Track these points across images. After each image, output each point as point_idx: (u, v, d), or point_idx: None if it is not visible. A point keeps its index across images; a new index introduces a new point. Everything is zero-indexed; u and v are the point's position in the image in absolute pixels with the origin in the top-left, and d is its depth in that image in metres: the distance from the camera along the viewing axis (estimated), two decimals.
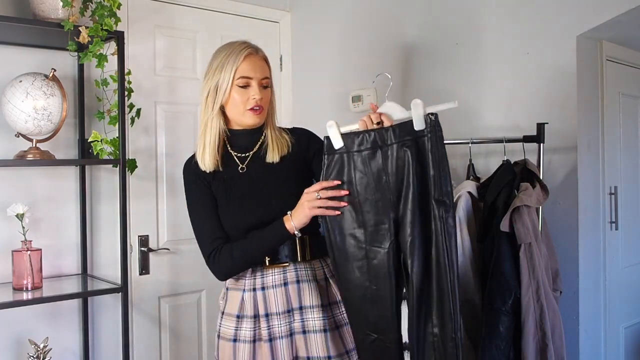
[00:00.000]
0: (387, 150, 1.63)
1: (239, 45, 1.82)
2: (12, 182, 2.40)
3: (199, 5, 2.95)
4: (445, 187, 1.58)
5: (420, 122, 1.60)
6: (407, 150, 1.60)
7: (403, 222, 1.61)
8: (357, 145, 1.66)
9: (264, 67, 1.83)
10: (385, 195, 1.64)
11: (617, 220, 2.54)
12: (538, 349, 1.85)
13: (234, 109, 1.81)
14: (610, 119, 2.50)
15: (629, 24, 2.22)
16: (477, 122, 2.48)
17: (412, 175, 1.59)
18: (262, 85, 1.80)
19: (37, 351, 2.22)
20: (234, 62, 1.77)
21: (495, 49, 2.44)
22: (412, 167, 1.59)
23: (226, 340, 1.83)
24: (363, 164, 1.66)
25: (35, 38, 2.37)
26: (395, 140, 1.62)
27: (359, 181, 1.66)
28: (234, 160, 1.86)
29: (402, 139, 1.61)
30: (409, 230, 1.60)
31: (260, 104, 1.79)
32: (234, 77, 1.77)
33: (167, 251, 2.82)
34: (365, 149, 1.65)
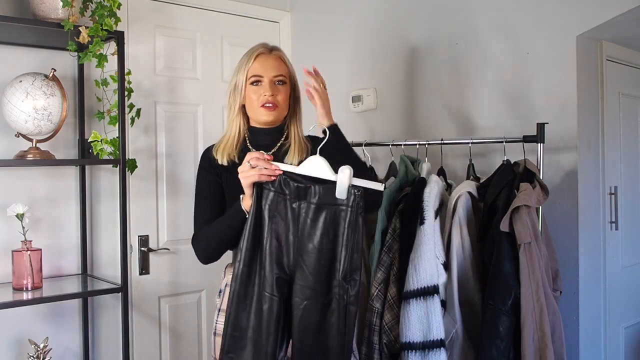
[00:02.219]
0: (304, 205, 1.60)
1: (256, 46, 1.91)
2: (12, 182, 2.40)
3: (199, 5, 2.95)
4: (355, 265, 1.55)
5: (343, 192, 1.55)
6: (325, 216, 1.57)
7: (300, 283, 1.59)
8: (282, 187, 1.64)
9: (278, 66, 1.88)
10: (287, 249, 1.62)
11: (617, 220, 2.54)
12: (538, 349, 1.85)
13: (250, 106, 1.88)
14: (610, 119, 2.50)
15: (629, 24, 2.22)
16: (477, 122, 2.48)
17: (320, 242, 1.56)
18: (275, 83, 1.86)
19: (37, 351, 2.22)
20: (247, 63, 1.87)
21: (495, 49, 2.44)
22: (322, 234, 1.57)
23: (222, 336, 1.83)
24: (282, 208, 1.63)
25: (35, 38, 2.37)
26: (315, 201, 1.59)
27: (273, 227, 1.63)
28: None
29: (321, 202, 1.58)
30: (306, 293, 1.58)
31: (272, 100, 1.84)
32: (246, 76, 1.86)
33: (167, 251, 2.82)
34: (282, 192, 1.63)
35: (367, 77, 2.89)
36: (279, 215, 1.64)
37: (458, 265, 1.95)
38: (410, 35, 2.72)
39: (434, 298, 1.90)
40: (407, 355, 1.88)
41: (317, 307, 1.58)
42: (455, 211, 1.98)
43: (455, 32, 2.56)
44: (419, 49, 2.69)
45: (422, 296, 1.91)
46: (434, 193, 2.00)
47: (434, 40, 2.64)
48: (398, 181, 2.18)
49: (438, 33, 2.62)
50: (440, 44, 2.61)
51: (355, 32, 2.95)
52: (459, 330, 1.93)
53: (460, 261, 1.96)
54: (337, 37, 3.03)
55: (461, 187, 2.04)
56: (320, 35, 3.11)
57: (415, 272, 1.92)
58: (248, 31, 3.10)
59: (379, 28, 2.85)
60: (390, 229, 2.05)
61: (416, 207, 1.98)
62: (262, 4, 3.12)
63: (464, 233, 1.97)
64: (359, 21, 2.93)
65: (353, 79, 2.94)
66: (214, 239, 1.81)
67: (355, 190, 1.55)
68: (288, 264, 1.63)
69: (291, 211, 1.63)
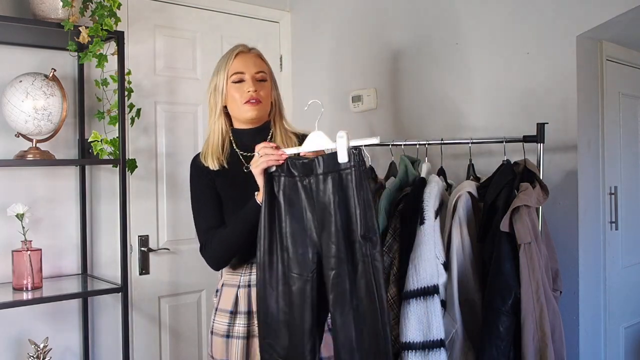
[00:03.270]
0: (312, 180, 1.63)
1: (233, 47, 1.90)
2: (12, 182, 2.40)
3: (199, 5, 2.95)
4: (371, 222, 1.57)
5: (344, 155, 1.58)
6: (332, 182, 1.59)
7: (326, 255, 1.61)
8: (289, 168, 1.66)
9: (258, 63, 1.88)
10: (309, 225, 1.64)
11: (617, 220, 2.54)
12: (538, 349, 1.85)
13: (233, 105, 1.86)
14: (610, 119, 2.50)
15: (629, 24, 2.22)
16: (477, 122, 2.48)
17: (334, 208, 1.59)
18: (257, 79, 1.85)
19: (37, 351, 2.22)
20: (227, 62, 1.86)
21: (496, 49, 2.44)
22: (335, 200, 1.59)
23: (219, 336, 1.85)
24: (290, 189, 1.65)
25: (35, 38, 2.37)
26: (321, 172, 1.61)
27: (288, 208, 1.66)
28: (239, 159, 1.89)
29: (326, 170, 1.60)
30: (332, 263, 1.59)
31: (256, 96, 1.83)
32: (227, 74, 1.85)
33: (167, 251, 2.82)
34: (290, 174, 1.66)
35: (367, 77, 2.89)
36: (293, 196, 1.66)
37: (458, 265, 1.95)
38: (411, 35, 2.72)
39: (434, 298, 1.90)
40: (407, 355, 1.88)
41: (345, 273, 1.60)
42: (455, 211, 1.98)
43: (455, 32, 2.56)
44: (419, 49, 2.69)
45: (422, 296, 1.91)
46: (434, 193, 2.00)
47: (434, 40, 2.64)
48: (398, 181, 2.18)
49: (438, 33, 2.62)
50: (441, 43, 2.61)
51: (355, 32, 2.95)
52: (459, 330, 1.93)
53: (460, 261, 1.96)
54: (337, 37, 3.03)
55: (461, 187, 2.04)
56: (320, 35, 3.10)
57: (415, 272, 1.92)
58: (248, 31, 3.10)
59: (379, 28, 2.85)
60: (390, 229, 2.05)
61: (416, 207, 1.98)
62: (262, 4, 3.13)
63: (464, 233, 1.97)
64: (359, 21, 2.93)
65: (353, 79, 2.94)
66: (232, 240, 1.79)
67: (354, 150, 1.58)
68: (313, 240, 1.64)
69: (303, 189, 1.65)
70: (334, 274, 1.60)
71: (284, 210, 1.66)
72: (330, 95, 3.03)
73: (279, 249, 1.66)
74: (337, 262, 1.60)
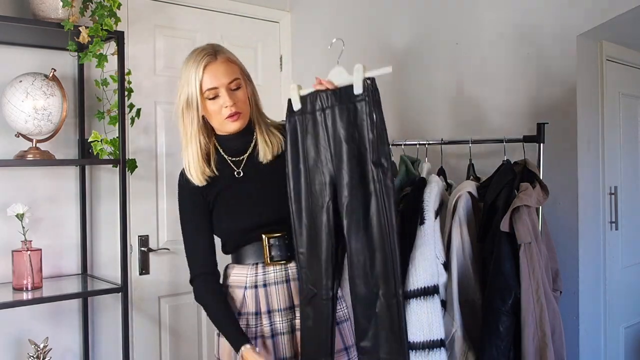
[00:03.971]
0: (328, 112, 1.67)
1: (198, 54, 1.77)
2: (12, 182, 2.40)
3: (199, 5, 2.95)
4: (383, 149, 1.60)
5: (359, 86, 1.62)
6: (346, 113, 1.64)
7: (340, 183, 1.65)
8: (309, 106, 1.71)
9: (228, 70, 1.75)
10: (325, 156, 1.68)
11: (617, 220, 2.54)
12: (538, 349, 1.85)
13: (214, 119, 1.79)
14: (610, 119, 2.50)
15: (629, 24, 2.22)
16: (477, 122, 2.48)
17: (348, 137, 1.63)
18: (232, 89, 1.75)
19: (37, 351, 2.22)
20: (196, 76, 1.74)
21: (495, 48, 2.44)
22: (349, 130, 1.63)
23: None
24: (311, 126, 1.70)
25: (35, 38, 2.37)
26: (336, 103, 1.66)
27: (309, 143, 1.71)
28: (229, 165, 1.85)
29: (341, 101, 1.65)
30: (346, 191, 1.64)
31: (235, 109, 1.75)
32: (200, 91, 1.74)
33: (167, 251, 2.82)
34: (311, 111, 1.70)
35: None
36: (311, 130, 1.70)
37: (458, 265, 1.95)
38: (411, 35, 2.72)
39: (434, 298, 1.90)
40: None
41: (358, 199, 1.64)
42: (455, 211, 1.98)
43: (455, 32, 2.56)
44: (419, 49, 2.69)
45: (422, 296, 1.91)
46: (434, 193, 2.00)
47: (434, 40, 2.64)
48: (398, 181, 2.18)
49: (438, 33, 2.62)
50: (441, 43, 2.61)
51: (355, 32, 2.95)
52: (459, 330, 1.93)
53: (460, 261, 1.96)
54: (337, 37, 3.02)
55: (461, 187, 2.04)
56: (320, 35, 3.10)
57: (415, 272, 1.92)
58: (248, 31, 3.10)
59: (379, 28, 2.85)
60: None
61: (416, 207, 1.98)
62: (262, 4, 3.12)
63: (464, 233, 1.97)
64: (359, 21, 2.93)
65: None
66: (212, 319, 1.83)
67: (368, 80, 1.62)
68: (329, 170, 1.68)
69: (320, 122, 1.68)
70: (347, 201, 1.64)
71: (303, 145, 1.71)
72: None
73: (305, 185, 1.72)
74: (350, 189, 1.64)
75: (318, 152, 1.70)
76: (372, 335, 1.66)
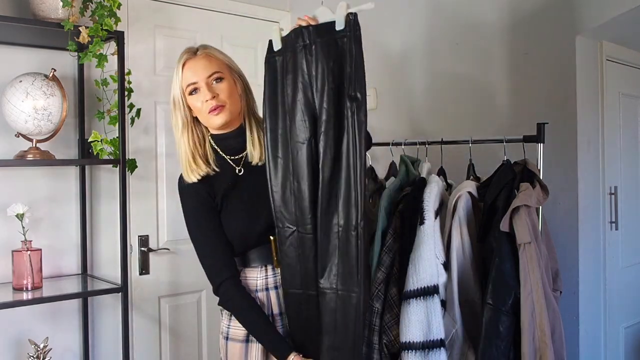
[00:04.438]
0: (310, 48, 1.67)
1: (181, 55, 1.79)
2: (12, 182, 2.40)
3: (199, 5, 2.95)
4: (360, 83, 1.62)
5: (341, 22, 1.64)
6: (326, 48, 1.65)
7: (320, 118, 1.66)
8: (289, 45, 1.71)
9: (207, 64, 1.76)
10: (306, 93, 1.68)
11: (617, 220, 2.54)
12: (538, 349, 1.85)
13: (201, 116, 1.79)
14: (610, 119, 2.50)
15: (629, 24, 2.22)
16: (477, 122, 2.48)
17: (329, 72, 1.64)
18: (211, 84, 1.75)
19: (37, 351, 2.22)
20: (177, 74, 1.77)
21: (495, 48, 2.44)
22: (329, 65, 1.64)
23: (237, 341, 1.81)
24: (291, 64, 1.70)
25: (35, 38, 2.37)
26: (317, 39, 1.67)
27: (289, 81, 1.70)
28: (229, 164, 1.84)
29: (322, 37, 1.66)
30: (324, 126, 1.65)
31: (216, 102, 1.74)
32: (182, 88, 1.76)
33: (167, 251, 2.82)
34: (292, 49, 1.70)
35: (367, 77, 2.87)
36: (289, 72, 1.70)
37: (458, 265, 1.95)
38: (410, 35, 2.72)
39: (434, 298, 1.90)
40: (407, 355, 1.88)
41: (334, 130, 1.64)
42: (455, 211, 1.98)
43: (455, 32, 2.56)
44: (418, 49, 2.69)
45: (422, 296, 1.90)
46: (434, 193, 2.00)
47: (434, 40, 2.64)
48: (398, 181, 2.18)
49: (438, 33, 2.62)
50: (440, 43, 2.61)
51: None
52: (459, 330, 1.93)
53: (460, 261, 1.96)
54: None
55: (461, 187, 2.04)
56: None
57: (415, 272, 1.92)
58: (248, 31, 3.10)
59: (379, 27, 2.85)
60: (390, 229, 2.04)
61: (416, 207, 1.98)
62: (262, 4, 3.12)
63: (464, 233, 1.97)
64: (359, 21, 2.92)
65: None
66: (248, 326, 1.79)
67: (350, 16, 1.64)
68: (310, 104, 1.68)
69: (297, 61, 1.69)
70: (324, 135, 1.65)
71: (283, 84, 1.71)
72: None
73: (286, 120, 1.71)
74: (326, 124, 1.65)
75: (296, 89, 1.69)
76: (328, 271, 1.66)
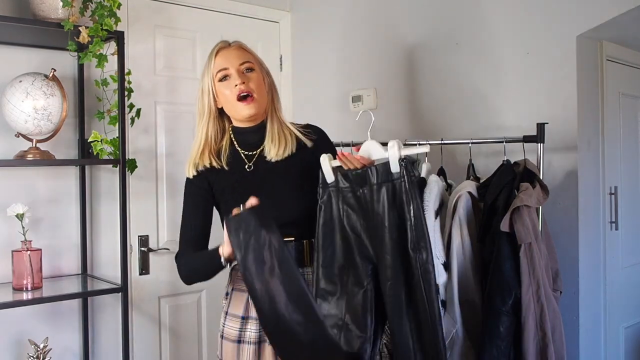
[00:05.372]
0: (368, 191, 1.65)
1: (214, 47, 1.85)
2: (12, 182, 2.40)
3: (199, 5, 2.95)
4: (421, 232, 1.59)
5: (395, 164, 1.61)
6: (386, 192, 1.62)
7: (382, 265, 1.63)
8: (343, 182, 1.68)
9: (240, 54, 1.81)
10: (365, 235, 1.66)
11: (617, 220, 2.54)
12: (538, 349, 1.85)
13: (228, 105, 1.81)
14: (610, 119, 2.50)
15: (629, 24, 2.22)
16: (477, 122, 2.48)
17: (388, 218, 1.61)
18: (243, 71, 1.79)
19: (37, 351, 2.22)
20: (210, 63, 1.81)
21: (496, 48, 2.44)
22: (388, 210, 1.61)
23: (230, 341, 1.82)
24: (347, 202, 1.68)
25: (35, 38, 2.37)
26: (376, 182, 1.63)
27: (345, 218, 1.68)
28: (241, 158, 1.85)
29: (381, 181, 1.63)
30: (388, 274, 1.62)
31: (247, 89, 1.77)
32: (213, 75, 1.80)
33: (167, 251, 2.82)
34: (349, 188, 1.67)
35: (367, 77, 2.89)
36: (348, 208, 1.68)
37: (458, 265, 1.95)
38: (410, 35, 2.72)
39: None
40: None
41: (400, 284, 1.61)
42: (455, 211, 1.98)
43: (454, 32, 2.56)
44: (418, 49, 2.69)
45: None
46: (434, 193, 2.00)
47: (433, 40, 2.64)
48: None
49: (438, 33, 2.62)
50: (440, 44, 2.61)
51: (355, 32, 2.95)
52: (459, 330, 1.93)
53: (460, 261, 1.96)
54: (337, 37, 3.03)
55: (461, 187, 2.04)
56: (320, 35, 3.10)
57: None
58: (248, 31, 3.10)
59: (379, 28, 2.85)
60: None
61: None
62: (262, 4, 3.12)
63: (464, 233, 1.97)
64: (359, 21, 2.93)
65: (353, 79, 2.94)
66: (193, 274, 1.82)
67: (402, 161, 1.61)
68: (368, 251, 1.67)
69: (356, 199, 1.66)
70: (389, 284, 1.62)
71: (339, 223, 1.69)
72: (330, 95, 3.03)
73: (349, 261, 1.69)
74: (392, 273, 1.61)
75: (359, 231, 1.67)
76: None
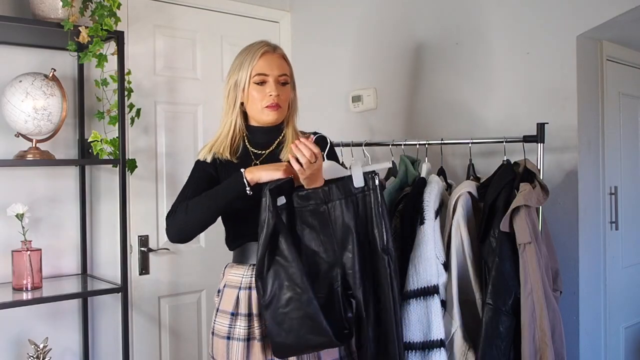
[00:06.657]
0: (331, 205, 1.72)
1: (258, 44, 1.87)
2: (12, 182, 2.40)
3: (199, 5, 2.95)
4: (387, 239, 1.69)
5: (361, 180, 1.71)
6: (351, 205, 1.71)
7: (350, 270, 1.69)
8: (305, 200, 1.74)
9: (282, 65, 1.86)
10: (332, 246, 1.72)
11: (617, 220, 2.54)
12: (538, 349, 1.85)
13: (253, 106, 1.85)
14: (610, 119, 2.50)
15: (629, 24, 2.22)
16: (477, 122, 2.48)
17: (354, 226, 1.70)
18: (280, 83, 1.84)
19: (37, 351, 2.22)
20: (251, 61, 1.83)
21: (496, 48, 2.44)
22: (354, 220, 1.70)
23: (220, 337, 1.84)
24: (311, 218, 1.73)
25: (35, 38, 2.37)
26: (342, 196, 1.72)
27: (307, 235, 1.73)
28: (250, 155, 1.88)
29: (345, 195, 1.72)
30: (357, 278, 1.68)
31: (277, 101, 1.83)
32: (250, 74, 1.83)
33: (167, 251, 2.82)
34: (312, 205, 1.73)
35: (367, 77, 2.89)
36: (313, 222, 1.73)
37: (458, 265, 1.95)
38: (411, 35, 2.72)
39: (434, 298, 1.90)
40: (407, 355, 1.88)
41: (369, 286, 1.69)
42: (455, 211, 1.98)
43: (455, 32, 2.56)
44: (419, 49, 2.69)
45: (422, 296, 1.91)
46: (434, 193, 2.00)
47: (434, 40, 2.64)
48: (398, 181, 2.18)
49: (438, 33, 2.62)
50: (440, 44, 2.61)
51: (355, 32, 2.95)
52: (458, 330, 1.93)
53: (460, 261, 1.96)
54: (337, 37, 3.03)
55: (461, 187, 2.04)
56: (320, 35, 3.10)
57: (416, 272, 1.92)
58: (248, 31, 3.10)
59: (379, 28, 2.85)
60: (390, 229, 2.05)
61: (416, 207, 1.98)
62: (262, 4, 3.12)
63: (464, 233, 1.97)
64: (359, 21, 2.93)
65: (353, 79, 2.94)
66: (199, 211, 1.77)
67: (370, 175, 1.71)
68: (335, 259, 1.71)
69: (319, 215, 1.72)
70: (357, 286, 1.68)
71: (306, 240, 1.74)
72: (330, 95, 3.03)
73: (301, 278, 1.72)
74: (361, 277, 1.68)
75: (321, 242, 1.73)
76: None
